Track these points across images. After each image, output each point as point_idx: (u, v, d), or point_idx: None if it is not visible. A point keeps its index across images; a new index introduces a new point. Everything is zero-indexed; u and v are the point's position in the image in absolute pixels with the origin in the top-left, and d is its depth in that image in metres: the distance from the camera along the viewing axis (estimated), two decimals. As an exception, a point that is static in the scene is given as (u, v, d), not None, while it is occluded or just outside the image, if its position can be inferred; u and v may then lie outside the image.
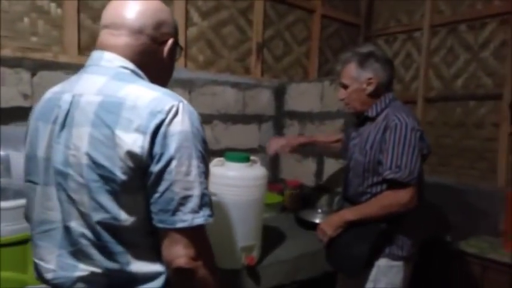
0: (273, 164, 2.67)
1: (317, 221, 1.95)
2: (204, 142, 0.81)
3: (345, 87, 1.56)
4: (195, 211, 0.77)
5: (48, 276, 0.84)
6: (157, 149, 0.75)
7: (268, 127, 2.66)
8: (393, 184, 1.38)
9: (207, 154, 0.82)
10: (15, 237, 1.24)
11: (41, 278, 0.87)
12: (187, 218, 0.76)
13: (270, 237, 1.71)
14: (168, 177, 0.75)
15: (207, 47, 2.38)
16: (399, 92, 3.03)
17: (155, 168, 0.75)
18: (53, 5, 1.83)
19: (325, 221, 1.53)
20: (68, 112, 0.81)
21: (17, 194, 1.36)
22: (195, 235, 0.78)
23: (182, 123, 0.77)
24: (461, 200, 2.50)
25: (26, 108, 1.73)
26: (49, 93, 0.90)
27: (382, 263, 1.46)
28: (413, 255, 1.52)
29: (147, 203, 0.78)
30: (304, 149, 2.49)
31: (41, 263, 0.85)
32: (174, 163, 0.75)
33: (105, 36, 0.88)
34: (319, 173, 2.40)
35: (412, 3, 2.98)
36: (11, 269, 1.21)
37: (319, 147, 2.06)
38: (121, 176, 0.75)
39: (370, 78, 1.50)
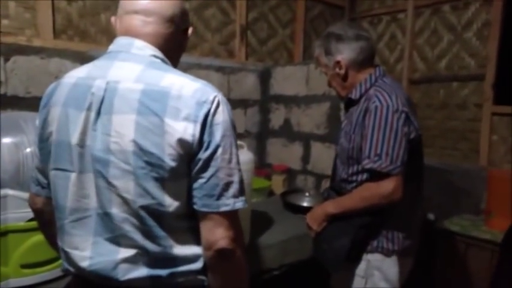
0: (260, 148, 2.65)
1: (304, 204, 1.96)
2: (236, 132, 0.86)
3: (324, 73, 1.50)
4: (236, 196, 0.82)
5: (84, 264, 0.84)
6: (205, 137, 0.79)
7: (254, 112, 2.63)
8: (373, 174, 1.25)
9: None
10: (-2, 229, 1.20)
11: (73, 266, 0.86)
12: (229, 202, 0.81)
13: (258, 222, 1.70)
14: (214, 164, 0.80)
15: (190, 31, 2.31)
16: (384, 74, 3.03)
17: (203, 155, 0.79)
18: (24, -15, 1.74)
19: (310, 214, 1.45)
20: (103, 99, 0.81)
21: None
22: (234, 218, 0.83)
23: (223, 114, 0.81)
24: (445, 179, 2.55)
25: (0, 96, 1.65)
26: (72, 78, 0.87)
27: (373, 257, 1.36)
28: (410, 249, 1.40)
29: (188, 189, 0.82)
30: (291, 133, 2.48)
31: (75, 252, 0.85)
32: (220, 150, 0.80)
33: (134, 21, 0.87)
34: (306, 156, 2.39)
35: (396, -16, 2.96)
36: (-9, 262, 1.17)
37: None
38: (170, 162, 0.78)
39: (337, 62, 1.40)
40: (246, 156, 1.46)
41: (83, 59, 1.81)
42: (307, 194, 2.05)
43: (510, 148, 2.40)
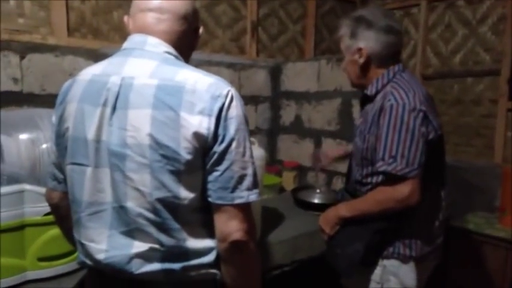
0: (270, 145, 2.65)
1: (315, 201, 1.95)
2: (248, 126, 0.88)
3: (344, 55, 1.39)
4: (249, 188, 0.84)
5: (100, 256, 0.86)
6: (220, 131, 0.80)
7: (265, 108, 2.63)
8: (387, 177, 1.18)
9: None
10: (13, 223, 1.22)
11: (90, 259, 0.88)
12: (244, 194, 0.83)
13: (269, 219, 1.71)
14: (229, 157, 0.81)
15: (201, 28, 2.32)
16: (396, 69, 2.99)
17: (219, 148, 0.81)
18: (39, -16, 1.77)
19: (323, 216, 1.39)
20: (118, 94, 0.82)
21: (11, 180, 1.33)
22: (248, 211, 0.85)
23: (237, 108, 0.83)
24: (458, 177, 2.51)
25: (16, 93, 1.69)
26: (88, 75, 0.89)
27: (389, 263, 1.29)
28: (429, 255, 1.33)
29: (203, 182, 0.83)
30: (302, 130, 2.47)
31: (92, 244, 0.87)
32: (234, 144, 0.81)
33: (148, 19, 0.89)
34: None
35: (409, -22, 2.91)
36: (8, 255, 1.20)
37: None
38: (185, 155, 0.79)
39: (360, 49, 1.30)
40: (257, 152, 1.44)
41: (96, 56, 1.84)
42: (318, 190, 2.04)
43: (526, 145, 2.36)
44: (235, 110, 0.82)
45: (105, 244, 0.85)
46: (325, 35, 3.04)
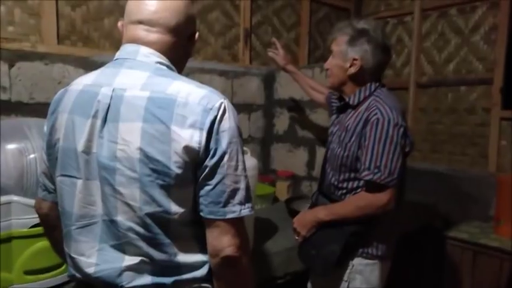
0: (264, 154, 2.63)
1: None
2: (242, 138, 0.86)
3: (332, 56, 1.45)
4: (242, 203, 0.82)
5: (90, 270, 0.84)
6: (212, 144, 0.79)
7: (258, 116, 2.62)
8: (371, 185, 1.28)
9: None
10: (0, 235, 1.20)
11: (80, 272, 0.87)
12: (236, 209, 0.81)
13: (262, 230, 1.69)
14: (220, 171, 0.80)
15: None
16: (391, 77, 3.01)
17: (210, 162, 0.79)
18: (29, -9, 1.74)
19: (299, 219, 1.44)
20: (109, 106, 0.81)
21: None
22: (240, 225, 0.83)
23: (229, 120, 0.81)
24: (453, 185, 2.51)
25: (5, 102, 1.66)
26: (80, 85, 0.88)
27: (356, 261, 1.39)
28: (390, 254, 1.45)
29: (195, 196, 0.82)
30: (296, 138, 2.46)
31: (81, 258, 0.86)
32: (226, 158, 0.80)
33: (138, 31, 0.88)
34: (311, 162, 2.37)
35: (402, -13, 2.93)
36: (-6, 268, 1.17)
37: (300, 85, 2.07)
38: (176, 170, 0.78)
39: (355, 59, 1.36)
40: (249, 162, 1.44)
41: (86, 64, 1.81)
42: (311, 201, 2.02)
43: (519, 153, 2.36)
44: (228, 123, 0.81)
45: (95, 258, 0.84)
46: (319, 43, 3.04)
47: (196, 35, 0.97)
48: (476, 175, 2.47)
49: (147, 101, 0.79)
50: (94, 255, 0.84)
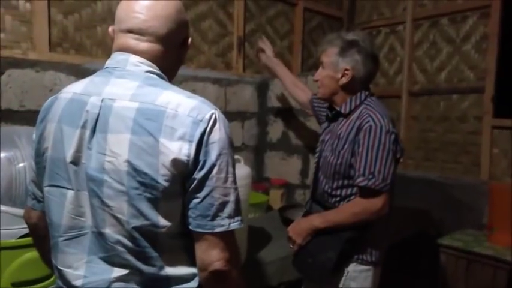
0: (257, 162, 2.62)
1: (303, 219, 1.92)
2: (233, 149, 0.84)
3: (322, 67, 1.47)
4: (231, 216, 0.80)
5: (78, 283, 0.83)
6: (201, 156, 0.77)
7: (252, 124, 2.61)
8: (365, 191, 1.31)
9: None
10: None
11: (67, 285, 0.85)
12: (225, 223, 0.79)
13: (255, 239, 1.67)
14: (209, 184, 0.78)
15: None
16: (383, 86, 3.03)
17: (198, 174, 0.78)
18: (21, -1, 1.73)
19: (294, 227, 1.45)
20: (98, 116, 0.80)
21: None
22: (230, 239, 0.81)
23: (220, 131, 0.80)
24: (446, 194, 2.52)
25: (-6, 109, 1.63)
26: (69, 94, 0.86)
27: (351, 268, 1.41)
28: (381, 259, 1.48)
29: (183, 208, 0.80)
30: (290, 146, 2.45)
31: (69, 270, 0.84)
32: (215, 170, 0.78)
33: (128, 40, 0.86)
34: (304, 170, 2.36)
35: (395, -3, 2.97)
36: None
37: (282, 80, 2.06)
38: (163, 183, 0.76)
39: (346, 70, 1.40)
40: (243, 170, 1.43)
41: (78, 71, 1.80)
42: (305, 209, 2.01)
43: (511, 162, 2.38)
44: (218, 134, 0.79)
45: (83, 270, 0.82)
46: (313, 51, 3.06)
47: (189, 40, 0.95)
48: (469, 183, 2.48)
49: (136, 112, 0.77)
50: (82, 268, 0.83)
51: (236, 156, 1.45)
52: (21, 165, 1.34)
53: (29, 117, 1.67)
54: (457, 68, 2.65)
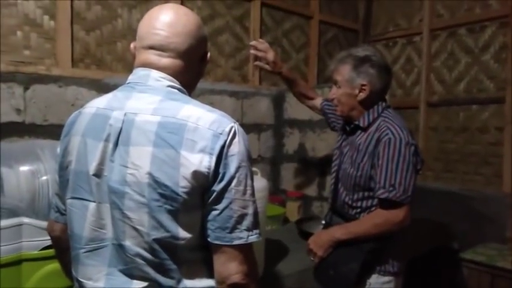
0: (274, 174, 2.62)
1: (320, 232, 1.90)
2: (252, 162, 0.85)
3: (338, 86, 1.47)
4: (250, 229, 0.80)
5: None
6: (220, 169, 0.78)
7: (268, 136, 2.62)
8: (387, 203, 1.31)
9: None
10: (11, 258, 1.20)
11: None
12: (243, 235, 0.79)
13: (272, 251, 1.66)
14: (228, 196, 0.78)
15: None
16: (401, 97, 3.00)
17: (218, 187, 0.78)
18: (45, 17, 1.79)
19: (314, 239, 1.44)
20: (120, 130, 0.82)
21: (10, 213, 1.31)
22: (248, 252, 0.81)
23: (239, 144, 0.81)
24: (467, 206, 2.46)
25: (19, 123, 1.69)
26: (93, 109, 0.89)
27: (373, 279, 1.40)
28: (403, 270, 1.47)
29: (202, 220, 0.81)
30: (306, 158, 2.44)
31: (89, 283, 0.85)
32: (234, 182, 0.79)
33: (149, 56, 0.88)
34: (321, 183, 2.35)
35: (410, 7, 2.96)
36: (5, 289, 1.17)
37: (295, 90, 1.92)
38: (183, 195, 0.77)
39: (363, 85, 1.40)
40: (259, 183, 1.43)
41: (98, 86, 1.85)
42: (323, 221, 1.99)
43: (535, 173, 2.31)
44: (237, 147, 0.80)
45: (103, 282, 0.83)
46: (328, 63, 3.06)
47: (208, 54, 0.97)
48: (491, 195, 2.42)
49: (158, 125, 0.79)
50: (102, 280, 0.83)
51: (253, 169, 1.47)
52: (44, 178, 1.37)
53: (51, 131, 1.72)
54: (476, 78, 2.61)
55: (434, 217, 2.41)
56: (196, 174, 0.77)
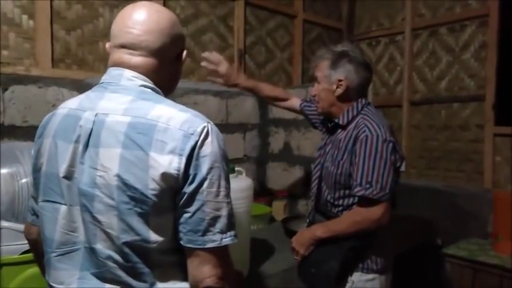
0: (259, 173, 2.62)
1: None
2: (227, 162, 0.83)
3: (318, 82, 1.49)
4: (223, 231, 0.79)
5: None
6: (191, 170, 0.76)
7: (253, 136, 2.62)
8: (364, 200, 1.31)
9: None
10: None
11: None
12: (216, 238, 0.78)
13: (258, 251, 1.66)
14: (200, 198, 0.77)
15: (187, 55, 2.32)
16: (384, 95, 3.04)
17: (188, 189, 0.76)
18: (24, 16, 1.75)
19: (297, 238, 1.45)
20: (91, 131, 0.80)
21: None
22: (222, 255, 0.80)
23: (212, 145, 0.79)
24: (450, 202, 2.50)
25: (-3, 125, 1.65)
26: (65, 109, 0.87)
27: (356, 277, 1.41)
28: (388, 267, 1.46)
29: (174, 223, 0.79)
30: (292, 157, 2.45)
31: (61, 287, 0.83)
32: (206, 184, 0.77)
33: (121, 55, 0.86)
34: (307, 181, 2.36)
35: (393, 7, 2.99)
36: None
37: (262, 95, 1.85)
38: (153, 197, 0.76)
39: (340, 80, 1.41)
40: (244, 182, 1.43)
41: (80, 87, 1.81)
42: (307, 220, 2.00)
43: (514, 169, 2.37)
44: (210, 147, 0.78)
45: (75, 286, 0.82)
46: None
47: (184, 52, 0.95)
48: (473, 191, 2.47)
49: (128, 126, 0.77)
50: (74, 284, 0.82)
51: (238, 168, 1.47)
52: (23, 180, 1.34)
53: (31, 132, 1.66)
54: (457, 76, 2.65)
55: (418, 213, 2.44)
56: (165, 176, 0.75)
